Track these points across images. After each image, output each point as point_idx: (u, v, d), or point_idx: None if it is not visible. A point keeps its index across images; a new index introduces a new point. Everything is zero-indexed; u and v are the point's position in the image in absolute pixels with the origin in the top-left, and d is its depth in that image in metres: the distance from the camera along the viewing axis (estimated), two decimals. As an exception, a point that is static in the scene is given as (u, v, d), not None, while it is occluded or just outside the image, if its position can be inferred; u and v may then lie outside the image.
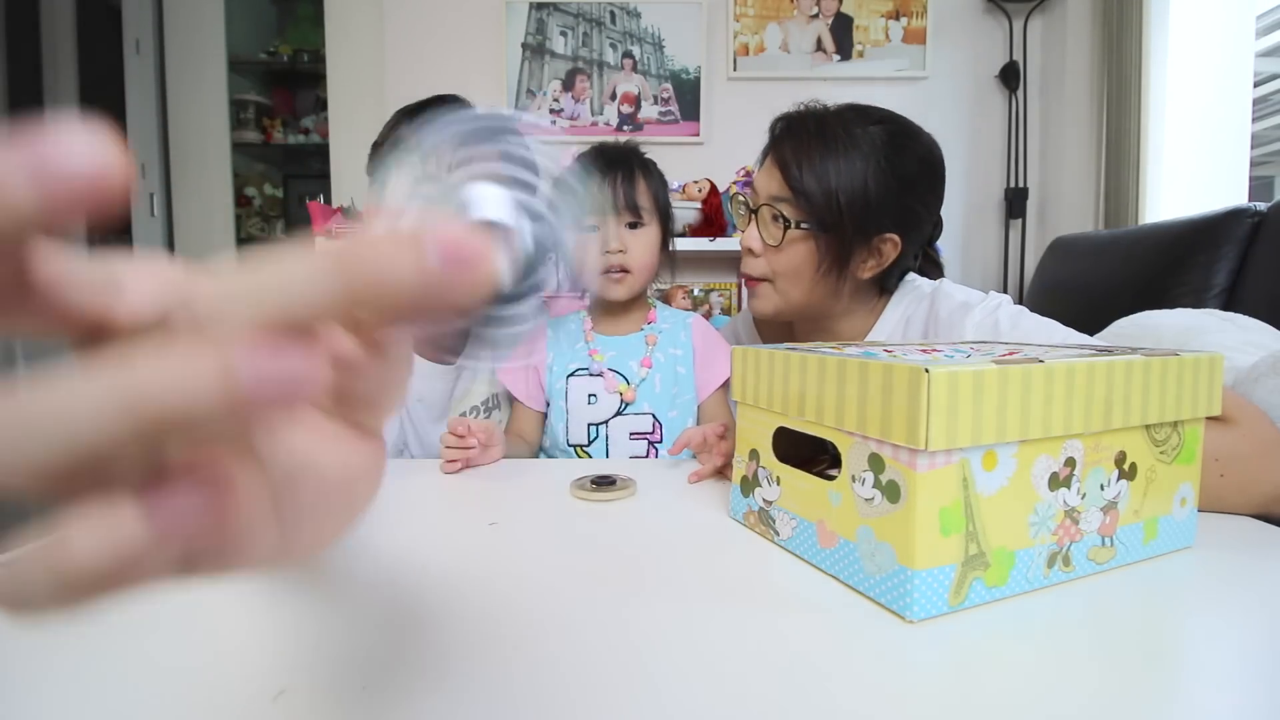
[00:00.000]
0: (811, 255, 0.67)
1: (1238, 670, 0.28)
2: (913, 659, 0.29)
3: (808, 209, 0.65)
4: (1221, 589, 0.37)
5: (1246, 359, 1.19)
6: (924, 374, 0.30)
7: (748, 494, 0.45)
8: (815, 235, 0.66)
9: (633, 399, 0.78)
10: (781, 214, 0.67)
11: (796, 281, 0.69)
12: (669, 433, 0.78)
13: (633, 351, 0.81)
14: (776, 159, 0.68)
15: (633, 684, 0.26)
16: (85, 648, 0.29)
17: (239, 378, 0.10)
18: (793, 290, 0.70)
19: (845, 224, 0.65)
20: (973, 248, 2.40)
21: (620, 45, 2.37)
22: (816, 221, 0.65)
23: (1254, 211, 1.32)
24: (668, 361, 0.81)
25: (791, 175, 0.65)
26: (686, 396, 0.81)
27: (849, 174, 0.64)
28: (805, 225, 0.66)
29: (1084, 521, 0.36)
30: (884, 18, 2.33)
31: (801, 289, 0.70)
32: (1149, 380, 0.37)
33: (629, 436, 0.78)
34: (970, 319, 0.66)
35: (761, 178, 0.70)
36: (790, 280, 0.69)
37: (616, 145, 0.81)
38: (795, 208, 0.66)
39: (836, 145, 0.65)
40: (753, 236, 0.70)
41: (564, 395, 0.80)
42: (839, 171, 0.64)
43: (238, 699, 0.25)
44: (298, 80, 3.02)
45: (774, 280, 0.70)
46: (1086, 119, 2.12)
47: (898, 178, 0.66)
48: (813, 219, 0.65)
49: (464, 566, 0.39)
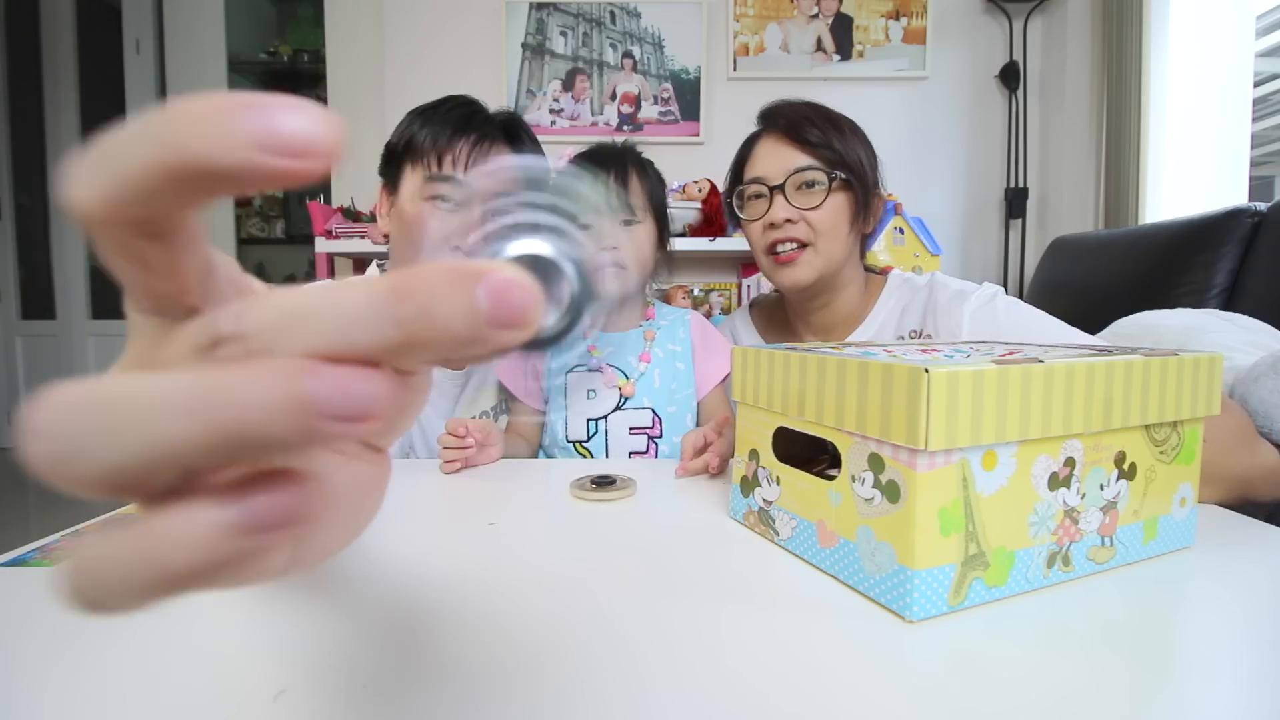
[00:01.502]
0: (847, 206, 0.75)
1: (1238, 670, 0.28)
2: (912, 659, 0.29)
3: (836, 162, 0.73)
4: (1221, 589, 0.37)
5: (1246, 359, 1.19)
6: (924, 374, 0.30)
7: (747, 494, 0.45)
8: (849, 185, 0.74)
9: (632, 393, 0.78)
10: (818, 174, 0.73)
11: (835, 236, 0.75)
12: (668, 428, 0.78)
13: (631, 347, 0.81)
14: (786, 133, 0.75)
15: (632, 684, 0.26)
16: (86, 648, 0.29)
17: (314, 400, 0.10)
18: (833, 247, 0.75)
19: (865, 170, 0.74)
20: (973, 248, 2.40)
21: (620, 45, 2.37)
22: (849, 171, 0.73)
23: (1254, 211, 1.32)
24: (667, 357, 0.81)
25: (814, 136, 0.73)
26: (685, 392, 0.81)
27: (847, 135, 0.75)
28: (844, 176, 0.73)
29: (1084, 521, 0.36)
30: (884, 18, 2.33)
31: (840, 244, 0.75)
32: (1149, 380, 0.37)
33: (629, 431, 0.78)
34: (967, 306, 0.70)
35: (769, 160, 0.76)
36: (830, 237, 0.75)
37: (612, 145, 0.81)
38: (824, 164, 0.73)
39: (828, 114, 0.76)
40: (783, 209, 0.74)
41: (563, 391, 0.80)
42: (841, 134, 0.74)
43: (238, 699, 0.25)
44: (298, 80, 3.02)
45: (814, 242, 0.75)
46: (1086, 119, 2.12)
47: (865, 143, 0.77)
48: (844, 169, 0.73)
49: (463, 566, 0.39)
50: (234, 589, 0.12)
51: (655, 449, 0.78)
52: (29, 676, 0.27)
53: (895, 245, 1.94)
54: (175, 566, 0.10)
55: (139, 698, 0.26)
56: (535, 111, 2.36)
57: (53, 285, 3.04)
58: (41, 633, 0.31)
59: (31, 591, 0.35)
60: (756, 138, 0.79)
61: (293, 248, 3.09)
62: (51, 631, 0.31)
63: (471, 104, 0.74)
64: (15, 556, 0.40)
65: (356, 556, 0.40)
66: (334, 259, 2.28)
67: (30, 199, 3.09)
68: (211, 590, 0.11)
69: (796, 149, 0.74)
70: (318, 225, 1.98)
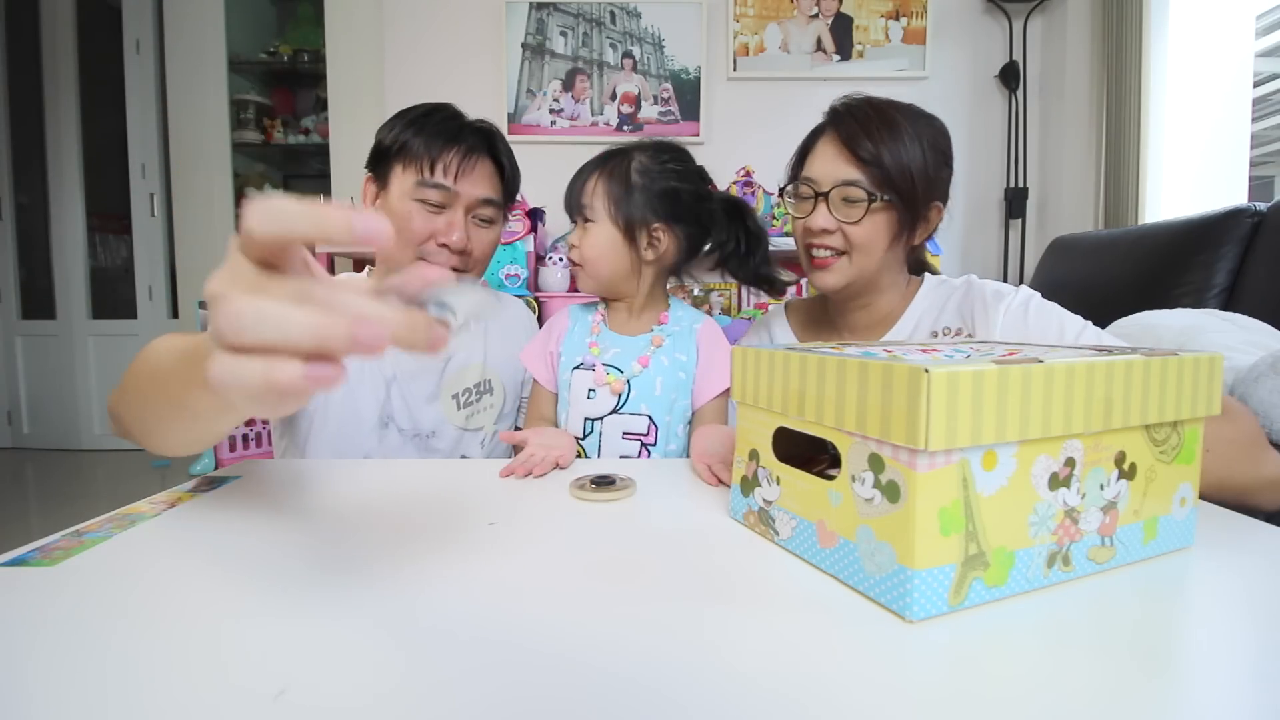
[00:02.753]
0: (887, 225, 0.74)
1: (1237, 670, 0.28)
2: (912, 659, 0.29)
3: (883, 181, 0.72)
4: (1221, 589, 0.37)
5: (1246, 359, 1.18)
6: (924, 374, 0.30)
7: (748, 494, 0.45)
8: (892, 205, 0.73)
9: (621, 389, 0.78)
10: (861, 191, 0.72)
11: (871, 251, 0.75)
12: (662, 437, 0.79)
13: (637, 351, 0.81)
14: (844, 142, 0.74)
15: (632, 684, 0.26)
16: (86, 648, 0.29)
17: (357, 335, 0.24)
18: (867, 261, 0.76)
19: (916, 190, 0.73)
20: (973, 247, 2.40)
21: (620, 45, 2.37)
22: (895, 192, 0.72)
23: (1254, 211, 1.32)
24: (672, 366, 0.81)
25: (865, 151, 0.72)
26: (683, 402, 0.81)
27: (910, 147, 0.72)
28: (886, 198, 0.72)
29: (1084, 521, 0.36)
30: (884, 18, 2.33)
31: (875, 258, 0.76)
32: (1149, 380, 0.37)
33: (622, 435, 0.78)
34: (1003, 304, 0.73)
35: (823, 163, 0.76)
36: (865, 251, 0.75)
37: (603, 152, 0.82)
38: (871, 182, 0.72)
39: (895, 123, 0.73)
40: (823, 218, 0.75)
41: (568, 387, 0.81)
42: (902, 146, 0.72)
43: (238, 699, 0.25)
44: (298, 80, 3.02)
45: (850, 253, 0.75)
46: (1086, 119, 2.12)
47: (937, 150, 0.75)
48: (890, 190, 0.72)
49: (463, 566, 0.39)
50: (284, 409, 0.25)
51: (647, 455, 0.78)
52: (29, 676, 0.27)
53: (895, 245, 1.94)
54: (279, 381, 0.24)
55: (139, 697, 0.26)
56: (535, 111, 2.37)
57: (53, 285, 3.04)
58: (41, 633, 0.31)
59: (31, 591, 0.35)
60: (822, 131, 0.79)
61: (292, 247, 3.08)
62: (51, 631, 0.31)
63: (459, 116, 0.82)
64: (15, 556, 0.40)
65: (357, 556, 0.40)
66: (334, 258, 2.29)
67: (30, 199, 3.09)
68: (274, 403, 0.25)
69: (848, 160, 0.73)
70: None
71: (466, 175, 0.78)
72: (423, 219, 0.78)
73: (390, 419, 0.83)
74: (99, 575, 0.38)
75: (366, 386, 0.82)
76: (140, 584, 0.37)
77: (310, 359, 0.24)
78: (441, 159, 0.76)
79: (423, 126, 0.77)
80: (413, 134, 0.77)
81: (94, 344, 3.04)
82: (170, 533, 0.45)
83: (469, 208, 0.79)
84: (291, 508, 0.49)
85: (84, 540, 0.43)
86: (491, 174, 0.82)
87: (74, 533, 0.44)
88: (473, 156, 0.78)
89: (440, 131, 0.77)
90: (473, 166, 0.78)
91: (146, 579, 0.37)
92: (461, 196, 0.78)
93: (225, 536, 0.44)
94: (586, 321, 0.86)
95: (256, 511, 0.48)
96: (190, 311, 2.60)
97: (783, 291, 0.87)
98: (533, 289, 1.98)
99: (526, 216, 1.95)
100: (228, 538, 0.44)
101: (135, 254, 2.98)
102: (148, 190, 2.96)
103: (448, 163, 0.77)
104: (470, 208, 0.80)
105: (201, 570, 0.39)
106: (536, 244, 2.00)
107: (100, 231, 3.15)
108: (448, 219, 0.78)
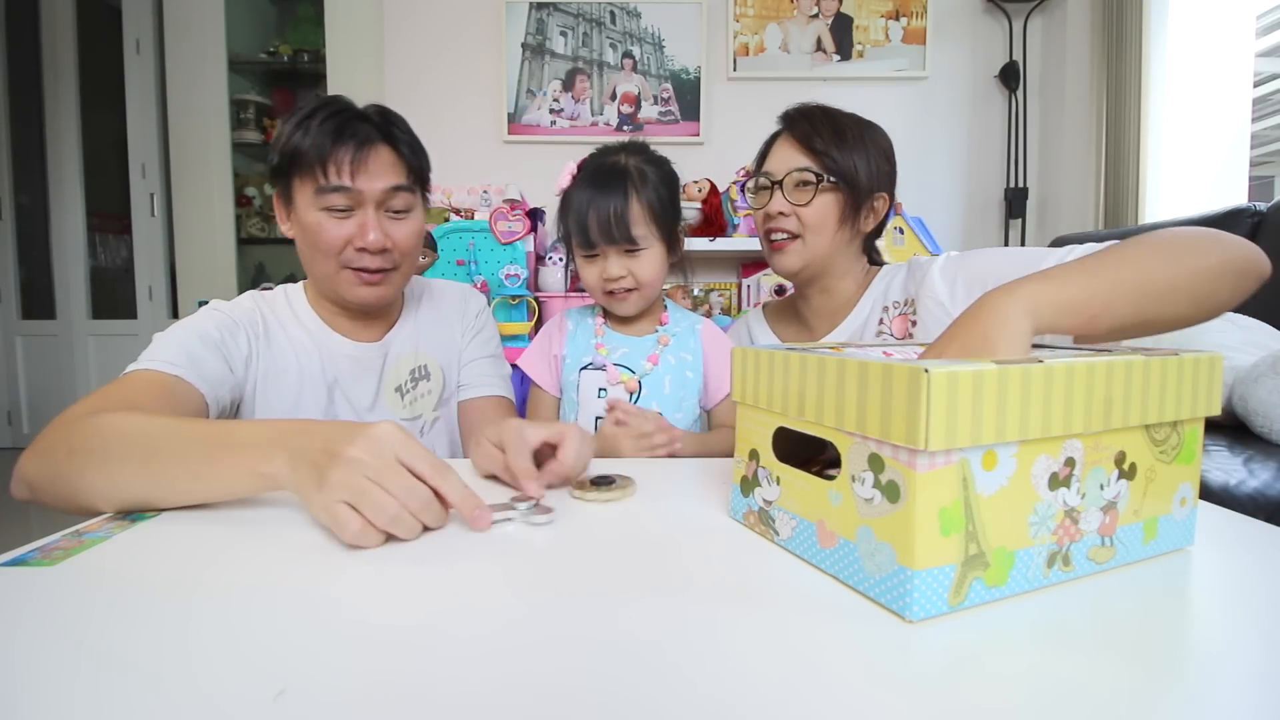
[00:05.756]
0: (836, 206, 0.83)
1: (1238, 670, 0.28)
2: (912, 659, 0.29)
3: (830, 168, 0.81)
4: (1221, 589, 0.37)
5: (1246, 359, 1.19)
6: (924, 374, 0.30)
7: (748, 494, 0.45)
8: (838, 188, 0.82)
9: (635, 388, 0.79)
10: (811, 175, 0.82)
11: (821, 232, 0.83)
12: None
13: (645, 350, 0.82)
14: (797, 136, 0.84)
15: (631, 684, 0.26)
16: (86, 648, 0.29)
17: (477, 516, 0.44)
18: (819, 241, 0.84)
19: (859, 178, 0.82)
20: (973, 247, 2.39)
21: (620, 45, 2.37)
22: (840, 176, 0.81)
23: (1254, 211, 1.32)
24: (678, 365, 0.82)
25: (816, 143, 0.82)
26: (691, 400, 0.81)
27: (854, 142, 0.83)
28: (832, 179, 0.81)
29: (1084, 521, 0.36)
30: (884, 18, 2.33)
31: (825, 239, 0.84)
32: (1149, 380, 0.37)
33: None
34: (935, 263, 0.80)
35: (778, 158, 0.85)
36: (816, 232, 0.83)
37: (613, 161, 0.79)
38: (819, 167, 0.82)
39: (841, 122, 0.84)
40: (779, 202, 0.83)
41: (576, 388, 0.81)
42: (846, 141, 0.82)
43: (238, 699, 0.25)
44: (298, 80, 3.02)
45: (803, 235, 0.83)
46: (1086, 119, 2.12)
47: (878, 147, 0.85)
48: (836, 174, 0.81)
49: (462, 565, 0.39)
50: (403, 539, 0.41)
51: None
52: (29, 676, 0.27)
53: (895, 245, 1.94)
54: (363, 542, 0.41)
55: (139, 697, 0.26)
56: (535, 111, 2.36)
57: (53, 285, 3.03)
58: (41, 633, 0.31)
59: (31, 591, 0.35)
60: (777, 136, 0.88)
61: (293, 247, 3.08)
62: (51, 631, 0.31)
63: (344, 109, 0.76)
64: (15, 556, 0.40)
65: (357, 555, 0.40)
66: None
67: (30, 199, 3.09)
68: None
69: (801, 152, 0.83)
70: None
71: (364, 170, 0.73)
72: (333, 227, 0.73)
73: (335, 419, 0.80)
74: (99, 575, 0.38)
75: (308, 393, 0.79)
76: (140, 584, 0.37)
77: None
78: (333, 159, 0.72)
79: (308, 130, 0.72)
80: (300, 138, 0.72)
81: (94, 344, 3.04)
82: (170, 533, 0.45)
83: (378, 202, 0.74)
84: (291, 507, 0.49)
85: (84, 540, 0.43)
86: (393, 161, 0.76)
87: (74, 533, 0.44)
88: (366, 148, 0.73)
89: (326, 131, 0.72)
90: (368, 158, 0.73)
91: (146, 579, 0.37)
92: (366, 194, 0.73)
93: (224, 536, 0.44)
94: (588, 324, 0.86)
95: (255, 511, 0.48)
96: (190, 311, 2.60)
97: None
98: (533, 289, 1.98)
99: (526, 216, 1.95)
100: (227, 538, 0.44)
101: (135, 254, 2.98)
102: (148, 190, 2.96)
103: (340, 162, 0.72)
104: (379, 202, 0.74)
105: (201, 570, 0.39)
106: (536, 244, 2.00)
107: (100, 231, 3.15)
108: (359, 221, 0.74)
